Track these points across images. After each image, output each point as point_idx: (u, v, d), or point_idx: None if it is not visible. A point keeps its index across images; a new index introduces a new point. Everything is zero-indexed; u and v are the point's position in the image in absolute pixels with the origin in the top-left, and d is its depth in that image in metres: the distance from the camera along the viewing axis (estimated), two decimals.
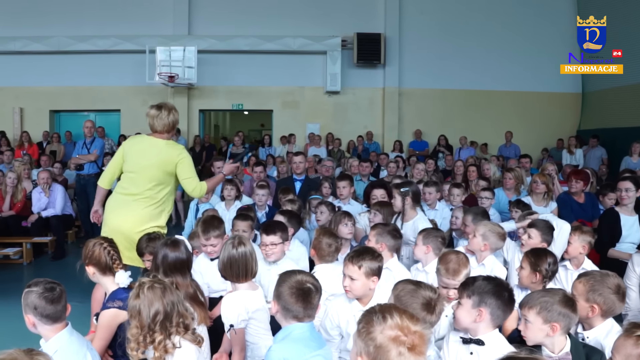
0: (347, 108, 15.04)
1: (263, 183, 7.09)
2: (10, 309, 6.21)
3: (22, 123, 15.04)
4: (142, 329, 2.68)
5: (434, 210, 6.32)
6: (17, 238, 8.53)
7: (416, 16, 14.85)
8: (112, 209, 4.74)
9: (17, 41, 14.66)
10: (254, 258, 3.39)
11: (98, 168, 9.29)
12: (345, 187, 6.52)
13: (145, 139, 4.86)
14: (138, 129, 13.60)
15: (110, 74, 14.80)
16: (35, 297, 2.72)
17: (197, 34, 14.64)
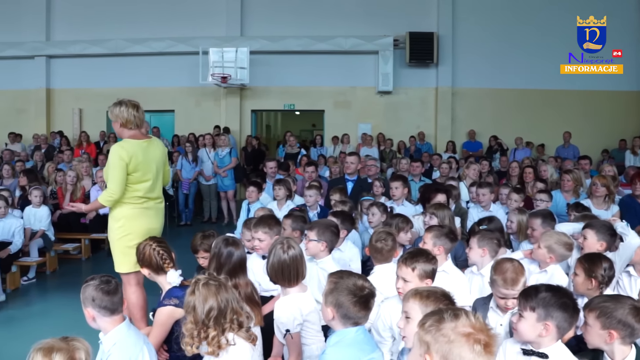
0: (399, 108, 14.89)
1: (314, 183, 7.09)
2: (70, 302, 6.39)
3: (81, 123, 15.47)
4: (196, 325, 2.71)
5: (488, 212, 6.18)
6: (76, 234, 8.79)
7: (470, 14, 14.59)
8: (137, 216, 4.61)
9: (76, 45, 15.14)
10: (304, 260, 3.37)
11: None
12: (398, 188, 6.45)
13: (140, 144, 4.61)
14: (191, 129, 13.88)
15: (164, 76, 15.06)
16: (92, 290, 2.81)
17: (250, 35, 14.76)
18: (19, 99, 15.75)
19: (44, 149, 13.19)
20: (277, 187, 6.75)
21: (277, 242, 3.37)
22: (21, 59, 15.51)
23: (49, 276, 7.79)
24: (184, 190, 11.51)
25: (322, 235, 4.07)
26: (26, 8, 15.36)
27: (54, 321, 5.86)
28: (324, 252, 4.08)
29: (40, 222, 7.82)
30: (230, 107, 15.04)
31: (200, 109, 15.15)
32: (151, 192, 4.64)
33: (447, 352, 1.82)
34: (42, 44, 15.41)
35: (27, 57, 15.47)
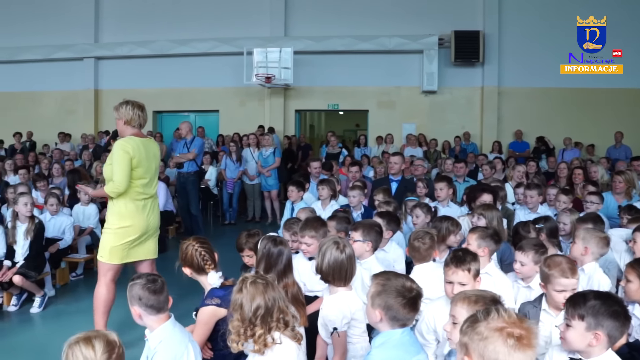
0: (444, 108, 14.70)
1: (358, 183, 7.05)
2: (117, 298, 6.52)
3: None
4: (243, 322, 2.73)
5: (535, 213, 6.02)
6: None
7: (516, 12, 14.31)
8: (136, 211, 4.74)
9: (123, 46, 15.47)
10: (355, 260, 3.38)
11: (197, 166, 9.54)
12: (443, 189, 6.35)
13: (143, 142, 4.78)
14: (236, 129, 13.98)
15: (209, 76, 15.23)
16: (139, 289, 2.84)
17: (293, 35, 14.80)
18: (69, 100, 16.18)
19: (92, 148, 13.45)
20: (321, 187, 6.73)
21: (329, 242, 3.35)
22: (71, 61, 15.93)
23: (96, 273, 7.82)
24: (228, 189, 11.59)
25: (367, 236, 4.08)
26: (76, 12, 15.78)
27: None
28: (369, 252, 4.08)
29: (88, 220, 7.96)
30: (274, 107, 15.11)
31: (245, 109, 15.26)
32: (148, 188, 4.81)
33: (482, 349, 1.81)
34: (90, 46, 15.80)
35: (76, 59, 15.89)
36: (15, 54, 16.00)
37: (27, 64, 16.14)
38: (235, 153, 11.61)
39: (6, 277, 5.96)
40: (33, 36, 15.79)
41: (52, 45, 15.74)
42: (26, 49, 15.88)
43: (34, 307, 6.07)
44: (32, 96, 16.25)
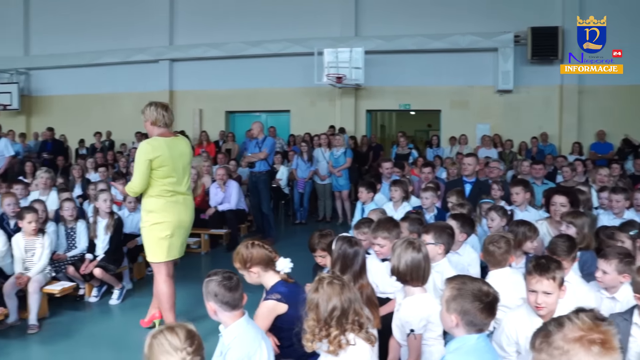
0: (520, 107, 14.19)
1: (431, 185, 6.92)
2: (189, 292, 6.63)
3: (201, 123, 16.12)
4: (318, 322, 2.73)
5: (621, 219, 5.71)
6: (196, 229, 9.02)
7: (597, 6, 13.66)
8: (166, 208, 4.90)
9: (197, 48, 15.82)
10: (430, 260, 3.36)
11: (269, 166, 9.61)
12: (519, 194, 6.13)
13: (168, 141, 4.92)
14: (307, 129, 14.01)
15: (280, 76, 15.35)
16: (215, 285, 2.88)
17: (364, 35, 14.71)
18: (145, 100, 16.27)
19: None
20: (394, 188, 6.65)
21: (403, 243, 3.32)
22: (147, 63, 16.44)
23: None
24: (299, 189, 11.64)
25: (439, 238, 4.02)
26: (152, 17, 16.28)
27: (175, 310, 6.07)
28: (441, 255, 4.02)
29: None
30: (345, 107, 15.06)
31: (316, 109, 15.29)
32: (178, 186, 4.94)
33: None
34: (165, 48, 16.24)
35: (152, 61, 16.38)
36: (97, 58, 16.69)
37: (107, 67, 16.78)
38: (306, 153, 11.64)
39: (88, 270, 6.22)
40: (113, 40, 16.42)
41: (130, 49, 16.31)
42: (107, 52, 16.53)
43: (113, 299, 6.31)
44: (111, 97, 16.88)
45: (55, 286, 5.87)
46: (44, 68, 17.67)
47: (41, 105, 17.80)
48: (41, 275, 5.73)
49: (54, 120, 16.30)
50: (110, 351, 5.09)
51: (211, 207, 9.34)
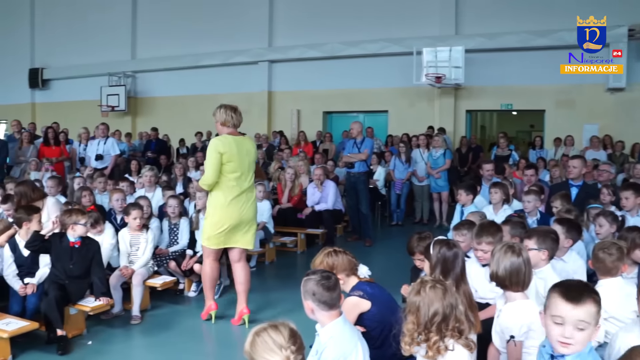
0: (634, 106, 13.26)
1: (534, 188, 6.66)
2: (286, 291, 6.73)
3: (299, 123, 16.35)
4: (418, 326, 2.69)
5: None
6: (293, 228, 9.21)
7: None
8: (229, 203, 5.27)
9: (295, 49, 16.06)
10: (531, 265, 3.22)
11: (367, 167, 9.58)
12: (629, 199, 5.76)
13: (236, 139, 5.35)
14: (405, 129, 13.88)
15: (378, 77, 15.29)
16: (313, 284, 2.88)
17: (465, 33, 14.37)
18: (244, 101, 16.99)
19: (265, 147, 14.09)
20: (494, 191, 6.45)
21: (503, 247, 3.21)
22: (246, 65, 16.90)
23: (267, 266, 8.22)
24: (397, 190, 11.54)
25: (542, 244, 3.85)
26: (251, 19, 16.70)
27: (268, 307, 6.15)
28: (544, 261, 3.85)
29: (261, 216, 8.28)
30: (444, 107, 14.78)
31: (414, 110, 15.11)
32: (242, 181, 5.32)
33: None
34: (264, 50, 16.60)
35: (252, 63, 16.81)
36: (198, 60, 17.38)
37: (208, 69, 17.41)
38: (404, 154, 11.52)
39: (188, 266, 6.42)
40: (213, 43, 17.01)
41: (230, 51, 16.83)
42: (207, 55, 17.16)
43: None
44: (211, 98, 17.26)
45: (157, 280, 6.09)
46: (148, 71, 18.66)
47: (146, 106, 18.73)
48: (144, 269, 5.98)
49: (157, 120, 17.07)
50: (206, 345, 5.23)
51: (308, 206, 9.42)
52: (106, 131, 11.64)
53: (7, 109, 19.50)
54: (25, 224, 5.23)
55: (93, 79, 18.74)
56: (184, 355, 4.88)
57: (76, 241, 5.21)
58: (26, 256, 5.18)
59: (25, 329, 4.61)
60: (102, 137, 11.49)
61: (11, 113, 18.10)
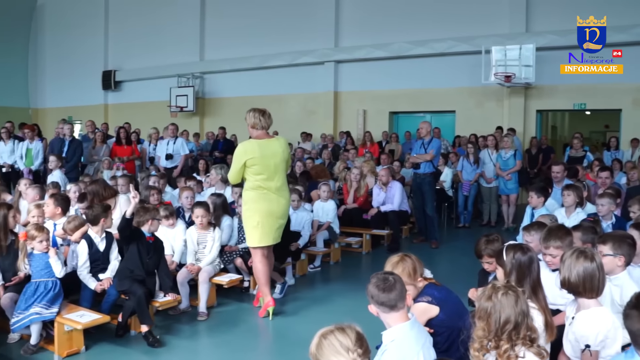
0: None
1: (609, 191, 6.43)
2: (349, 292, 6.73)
3: (364, 124, 16.32)
4: (488, 333, 2.63)
5: None
6: (358, 229, 9.20)
7: None
8: (257, 200, 5.67)
9: (361, 49, 16.05)
10: (604, 270, 3.10)
11: (434, 168, 9.47)
12: None
13: (261, 143, 5.69)
14: (473, 130, 13.64)
15: (445, 76, 15.10)
16: (372, 287, 2.87)
17: (536, 30, 13.95)
18: (310, 101, 17.27)
19: (331, 147, 14.13)
20: (566, 193, 6.25)
21: (574, 252, 3.10)
22: (312, 65, 17.01)
23: (332, 266, 8.24)
24: (464, 191, 11.36)
25: (618, 249, 3.69)
26: (318, 20, 16.80)
27: (334, 308, 6.16)
28: (620, 267, 3.69)
29: (327, 215, 8.35)
30: (513, 107, 14.42)
31: (482, 110, 14.83)
32: (269, 182, 5.65)
33: None
34: (331, 50, 16.65)
35: (318, 63, 16.90)
36: (265, 61, 17.62)
37: (274, 70, 17.66)
38: (472, 155, 11.33)
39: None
40: (280, 44, 17.22)
41: (296, 52, 17.00)
42: (274, 56, 17.39)
43: (275, 293, 6.44)
44: (278, 99, 17.68)
45: (224, 278, 6.17)
46: (216, 72, 19.08)
47: (213, 106, 19.13)
48: (211, 267, 6.07)
49: (224, 120, 17.34)
50: (271, 343, 5.28)
51: (373, 207, 9.39)
52: (175, 131, 11.96)
53: (82, 110, 20.34)
54: (102, 220, 5.40)
55: (163, 80, 19.36)
56: (249, 354, 4.94)
57: (150, 236, 5.40)
58: (102, 251, 5.35)
59: (98, 321, 4.76)
60: (171, 137, 11.83)
61: (85, 114, 18.88)
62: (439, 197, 10.67)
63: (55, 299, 4.74)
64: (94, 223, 5.42)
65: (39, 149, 11.80)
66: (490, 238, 4.18)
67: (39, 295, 4.69)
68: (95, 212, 5.44)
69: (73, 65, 22.46)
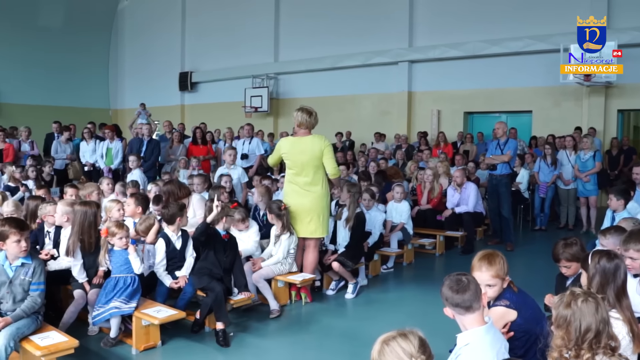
0: None
1: None
2: (421, 294, 6.76)
3: (439, 124, 16.20)
4: (568, 342, 2.57)
5: None
6: (432, 230, 9.17)
7: None
8: (288, 193, 6.31)
9: (436, 49, 15.93)
10: None
11: (510, 169, 9.35)
12: None
13: (296, 140, 6.25)
14: (550, 130, 13.33)
15: (521, 75, 14.80)
16: (445, 289, 2.83)
17: (618, 27, 13.43)
18: (384, 101, 17.28)
19: (405, 148, 14.11)
20: None
21: None
22: (386, 65, 16.99)
23: (405, 267, 8.23)
24: (541, 193, 11.13)
25: None
26: (392, 20, 16.76)
27: (406, 310, 6.17)
28: None
29: (400, 216, 8.38)
30: (593, 106, 13.95)
31: (560, 109, 14.44)
32: (297, 177, 6.20)
33: None
34: (405, 50, 16.59)
35: (392, 64, 16.88)
36: (338, 62, 17.75)
37: (347, 70, 17.75)
38: (550, 156, 11.08)
39: (328, 261, 6.58)
40: (353, 45, 17.29)
41: (369, 52, 17.04)
42: (347, 56, 17.49)
43: (348, 293, 6.56)
44: (351, 99, 17.79)
45: (297, 277, 6.21)
46: (290, 73, 19.33)
47: (287, 107, 19.39)
48: (274, 267, 6.11)
49: None
50: (342, 344, 5.25)
51: (448, 208, 9.35)
52: (251, 131, 12.22)
53: (159, 111, 21.04)
54: (178, 219, 5.57)
55: (237, 81, 19.83)
56: (319, 353, 4.99)
57: (226, 234, 5.55)
58: (178, 249, 5.54)
59: (174, 317, 4.92)
60: (247, 137, 12.09)
61: (163, 114, 19.52)
62: (515, 198, 10.50)
63: (133, 294, 4.93)
64: (170, 222, 5.57)
65: (118, 148, 12.33)
66: (569, 242, 4.07)
67: (118, 290, 4.88)
68: (171, 211, 5.59)
69: (151, 67, 23.42)
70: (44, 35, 21.82)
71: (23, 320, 4.23)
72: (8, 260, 4.32)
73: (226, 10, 20.76)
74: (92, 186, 7.41)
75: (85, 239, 5.20)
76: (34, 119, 17.57)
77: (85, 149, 12.73)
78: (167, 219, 5.59)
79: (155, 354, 4.89)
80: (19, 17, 21.02)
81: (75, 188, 7.42)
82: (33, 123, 14.45)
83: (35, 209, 5.98)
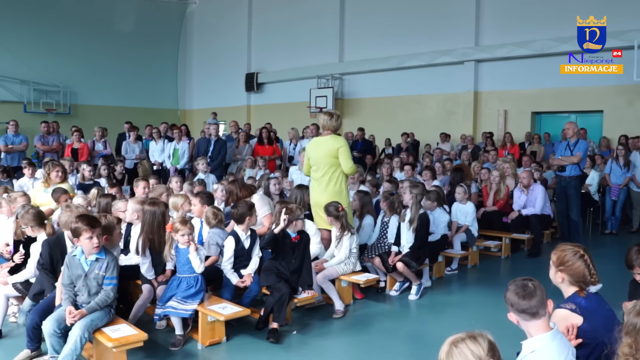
0: None
1: None
2: (486, 297, 6.69)
3: (505, 124, 15.87)
4: (636, 351, 2.49)
5: None
6: (498, 232, 9.03)
7: None
8: (310, 188, 6.82)
9: (503, 48, 15.58)
10: None
11: (580, 171, 9.10)
12: None
13: (318, 140, 6.79)
14: (623, 131, 12.86)
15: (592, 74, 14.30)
16: (510, 294, 2.78)
17: None
18: (449, 101, 17.06)
19: (471, 148, 13.91)
20: None
21: None
22: (452, 65, 16.74)
23: (469, 270, 8.15)
24: (612, 196, 10.78)
25: None
26: (457, 19, 16.48)
27: (470, 313, 6.13)
28: None
29: (465, 218, 8.29)
30: None
31: (633, 109, 13.87)
32: (315, 173, 6.64)
33: None
34: (471, 49, 16.30)
35: (457, 63, 16.61)
36: (403, 62, 17.61)
37: (412, 70, 17.57)
38: (622, 157, 10.72)
39: (393, 262, 6.57)
40: (418, 44, 17.13)
41: (435, 51, 16.82)
42: (412, 56, 17.32)
43: (412, 294, 6.57)
44: (417, 99, 17.64)
45: (360, 277, 6.24)
46: (355, 73, 19.32)
47: (352, 107, 19.42)
48: (339, 267, 6.16)
49: (363, 121, 17.62)
50: (406, 345, 5.26)
51: (514, 210, 9.17)
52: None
53: (226, 111, 21.44)
54: (247, 219, 5.66)
55: (302, 81, 19.97)
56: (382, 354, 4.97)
57: (296, 236, 5.62)
58: (246, 249, 5.64)
59: (239, 314, 5.04)
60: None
61: (229, 114, 19.91)
62: (584, 201, 10.20)
63: (193, 296, 5.03)
64: (239, 221, 5.67)
65: (185, 149, 12.67)
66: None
67: (179, 290, 5.03)
68: (240, 210, 5.68)
69: (218, 69, 23.89)
70: (116, 40, 22.70)
71: (97, 312, 4.43)
72: (84, 255, 4.52)
73: (291, 11, 20.95)
74: (161, 188, 7.66)
75: (155, 238, 5.38)
76: (107, 119, 18.28)
77: (154, 148, 13.13)
78: (236, 218, 5.70)
79: (220, 349, 5.02)
80: (93, 24, 21.95)
81: (146, 181, 7.73)
82: (106, 123, 15.00)
83: (107, 206, 6.23)
